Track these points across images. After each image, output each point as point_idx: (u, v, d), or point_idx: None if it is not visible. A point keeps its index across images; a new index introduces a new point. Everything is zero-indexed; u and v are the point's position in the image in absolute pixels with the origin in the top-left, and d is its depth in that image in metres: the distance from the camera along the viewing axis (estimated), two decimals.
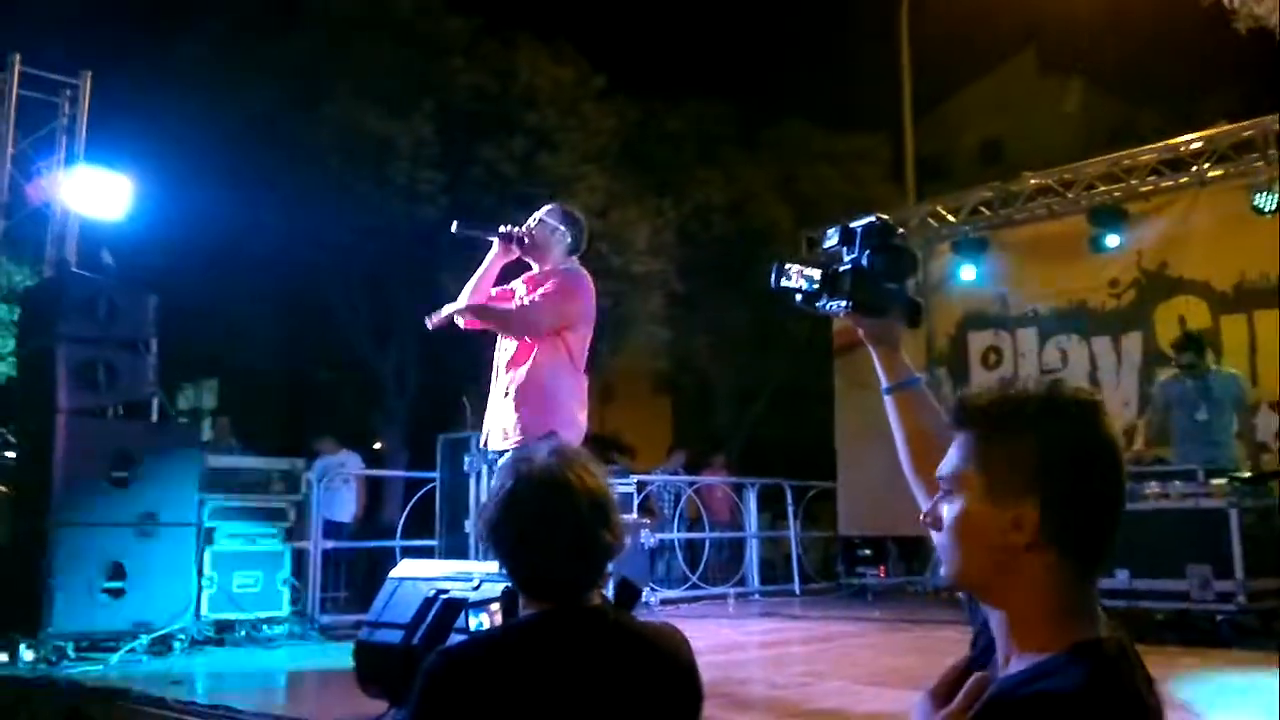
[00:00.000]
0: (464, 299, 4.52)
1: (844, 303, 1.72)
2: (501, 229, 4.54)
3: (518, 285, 4.58)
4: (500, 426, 4.38)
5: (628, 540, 1.79)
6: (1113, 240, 9.55)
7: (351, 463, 10.93)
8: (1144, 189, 9.53)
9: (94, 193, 6.90)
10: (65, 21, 11.73)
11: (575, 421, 4.37)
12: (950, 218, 10.88)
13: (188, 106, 12.18)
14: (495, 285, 4.62)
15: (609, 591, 1.84)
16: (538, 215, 4.59)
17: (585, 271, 4.55)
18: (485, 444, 4.51)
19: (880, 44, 14.43)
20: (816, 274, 1.75)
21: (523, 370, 4.37)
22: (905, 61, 13.26)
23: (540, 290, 4.39)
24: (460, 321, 4.49)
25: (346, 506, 10.60)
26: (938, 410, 1.70)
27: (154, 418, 6.59)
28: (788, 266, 1.78)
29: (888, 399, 1.75)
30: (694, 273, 15.64)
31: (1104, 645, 1.21)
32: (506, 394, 4.40)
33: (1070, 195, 9.96)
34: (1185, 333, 8.14)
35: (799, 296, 1.78)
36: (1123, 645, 1.22)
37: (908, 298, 1.75)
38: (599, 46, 15.08)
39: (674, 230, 15.22)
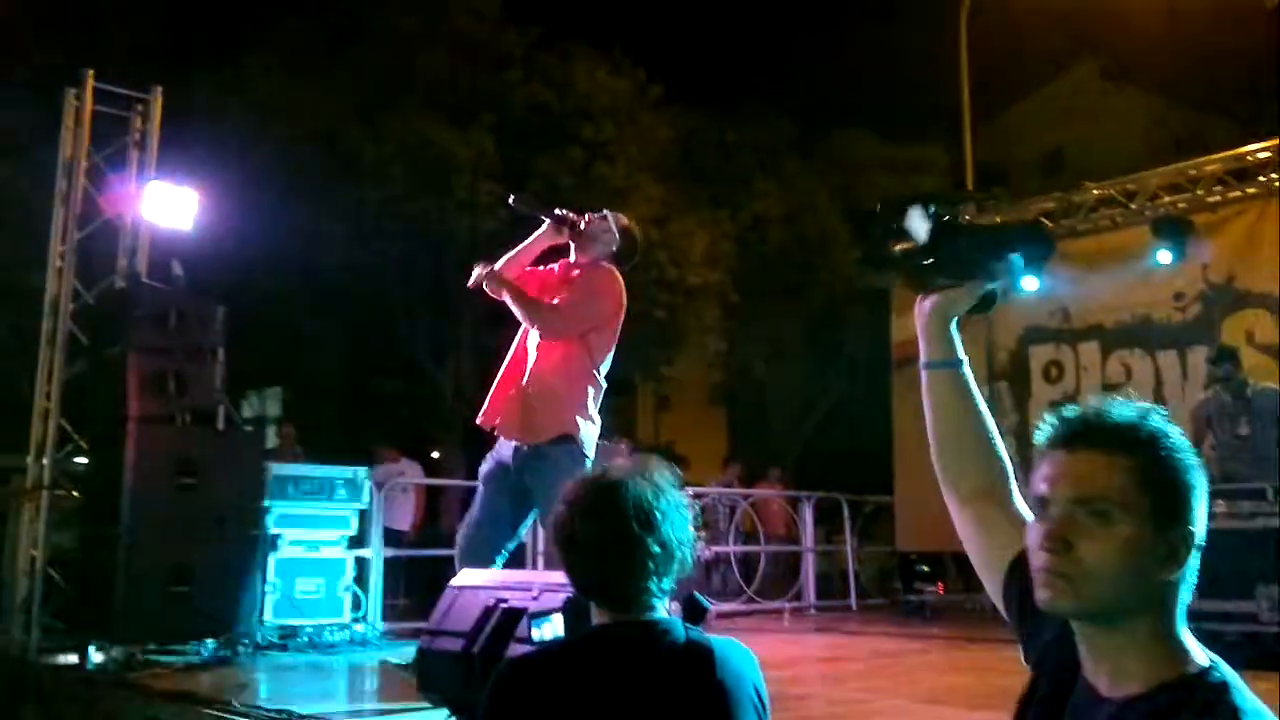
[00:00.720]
0: (501, 266, 4.54)
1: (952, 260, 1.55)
2: (557, 211, 4.56)
3: (554, 270, 4.62)
4: (510, 420, 4.38)
5: (690, 554, 1.79)
6: (1177, 252, 9.37)
7: (411, 471, 11.06)
8: (1210, 199, 9.34)
9: (164, 205, 7.06)
10: (136, 38, 12.02)
11: (588, 422, 4.39)
12: None
13: (254, 120, 12.43)
14: (535, 264, 4.64)
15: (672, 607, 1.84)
16: (603, 211, 4.63)
17: (618, 272, 4.54)
18: (488, 426, 4.48)
19: (939, 53, 14.32)
20: (924, 227, 1.58)
21: (541, 367, 4.38)
22: (964, 70, 13.15)
23: (572, 292, 4.40)
24: (488, 289, 4.46)
25: (405, 515, 10.71)
26: (978, 400, 1.62)
27: (220, 425, 6.71)
28: (912, 208, 1.58)
29: (928, 375, 1.64)
30: (750, 284, 15.62)
31: (1221, 665, 1.22)
32: (520, 388, 4.41)
33: (1134, 206, 9.79)
34: (1220, 346, 8.00)
35: (883, 239, 1.62)
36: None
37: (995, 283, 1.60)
38: (656, 57, 15.14)
39: (731, 241, 15.22)
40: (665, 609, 1.77)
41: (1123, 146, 21.24)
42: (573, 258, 4.58)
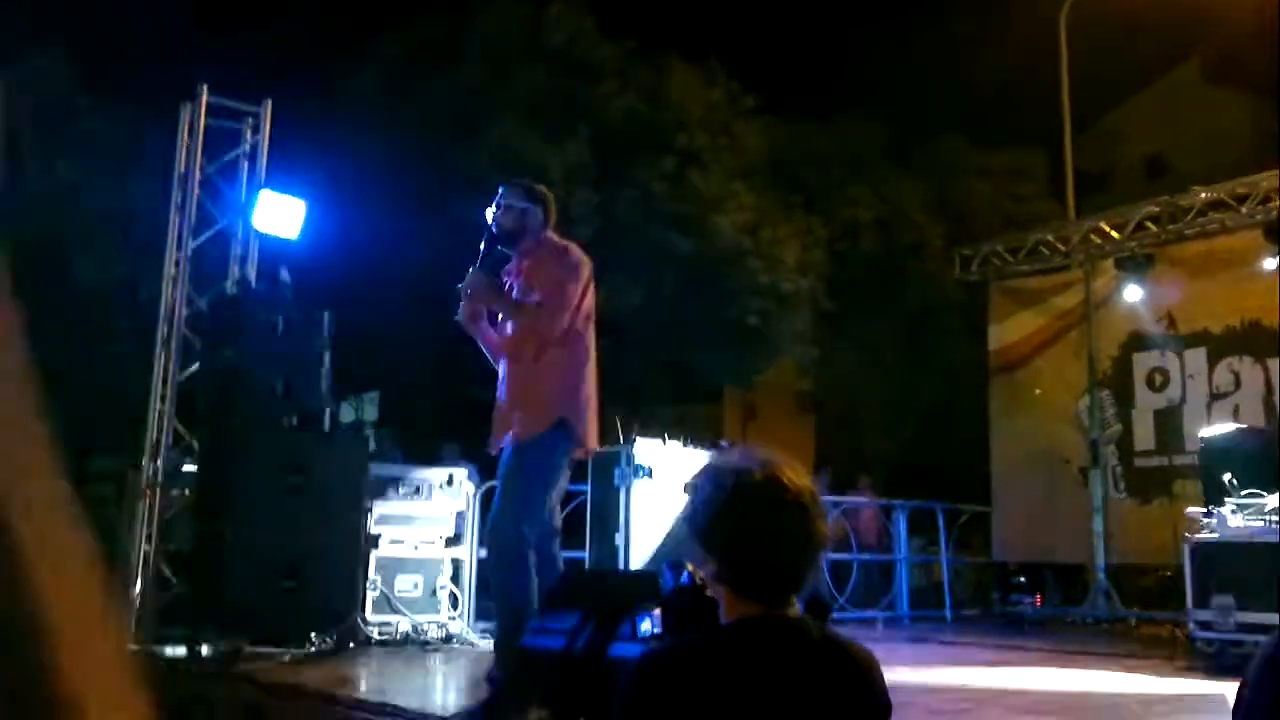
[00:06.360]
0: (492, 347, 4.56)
1: None
2: (483, 248, 4.42)
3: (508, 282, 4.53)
4: (511, 418, 4.36)
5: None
6: None
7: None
8: None
9: (273, 215, 7.27)
10: (247, 53, 12.43)
11: (588, 401, 4.37)
12: (1114, 234, 10.52)
13: (358, 133, 12.75)
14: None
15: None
16: (499, 204, 4.47)
17: (564, 241, 4.48)
18: (498, 442, 4.43)
19: (1036, 57, 14.08)
20: None
21: (530, 358, 4.35)
22: (1064, 74, 12.90)
23: (542, 287, 4.32)
24: (478, 300, 4.39)
25: None
26: None
27: (326, 428, 6.88)
28: None
29: None
30: (843, 291, 15.49)
31: None
32: (504, 404, 4.42)
33: (1244, 210, 9.52)
34: None
35: None
36: None
37: None
38: (749, 66, 15.15)
39: (823, 248, 15.13)
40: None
41: (1228, 149, 20.57)
42: (515, 258, 4.52)
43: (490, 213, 4.51)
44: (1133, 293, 10.26)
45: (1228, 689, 1.62)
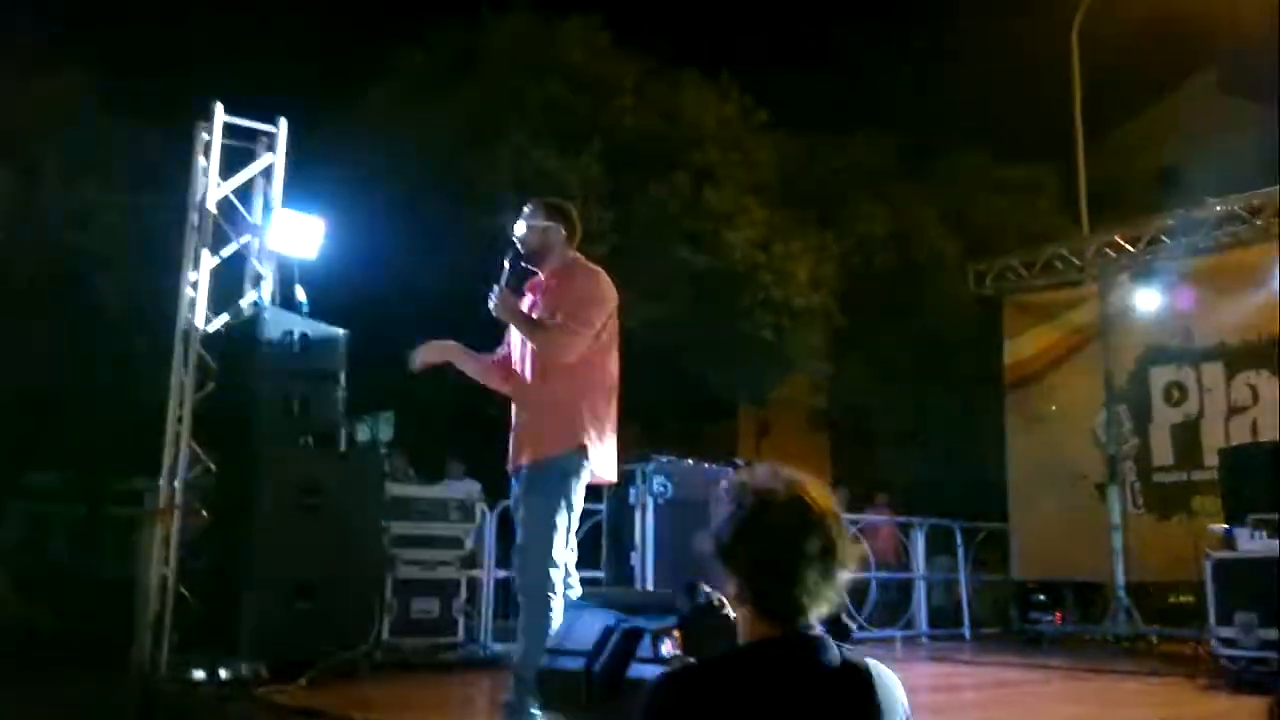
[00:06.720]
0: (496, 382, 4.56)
1: None
2: (506, 268, 4.38)
3: (529, 296, 4.49)
4: (528, 441, 4.31)
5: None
6: None
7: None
8: None
9: (289, 234, 7.28)
10: (262, 71, 12.48)
11: (603, 429, 4.31)
12: (1129, 247, 10.47)
13: (373, 151, 12.76)
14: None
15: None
16: (522, 224, 4.46)
17: (594, 266, 4.43)
18: (515, 464, 4.38)
19: (1049, 69, 14.06)
20: None
21: (548, 380, 4.30)
22: (1077, 86, 12.88)
23: (564, 309, 4.27)
24: (501, 316, 4.34)
25: None
26: None
27: (342, 448, 6.87)
28: None
29: None
30: (856, 306, 15.42)
31: None
32: (531, 407, 4.37)
33: (1259, 222, 9.47)
34: None
35: None
36: None
37: None
38: (762, 80, 15.13)
39: (836, 263, 15.07)
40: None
41: (1243, 161, 20.47)
42: (541, 275, 4.48)
43: (517, 229, 4.50)
44: (1148, 306, 10.19)
45: (1252, 707, 1.60)
